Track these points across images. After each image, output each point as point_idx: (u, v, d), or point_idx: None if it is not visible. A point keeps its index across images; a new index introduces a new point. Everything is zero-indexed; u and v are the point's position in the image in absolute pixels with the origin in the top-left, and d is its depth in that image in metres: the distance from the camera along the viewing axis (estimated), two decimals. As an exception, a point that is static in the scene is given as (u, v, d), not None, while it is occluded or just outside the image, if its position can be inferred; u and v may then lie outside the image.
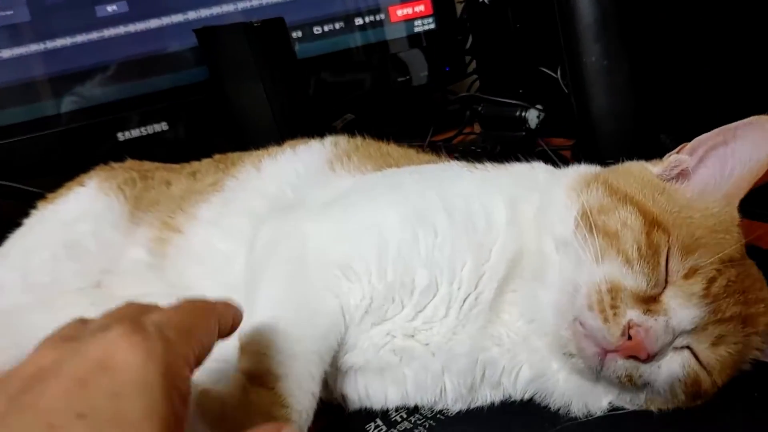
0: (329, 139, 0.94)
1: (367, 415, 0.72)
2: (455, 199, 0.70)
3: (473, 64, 1.73)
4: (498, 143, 1.42)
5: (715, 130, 0.67)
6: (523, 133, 1.40)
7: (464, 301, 0.67)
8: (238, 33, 1.21)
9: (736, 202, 0.67)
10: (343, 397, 0.72)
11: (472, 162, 0.81)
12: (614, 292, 0.61)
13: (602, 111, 1.23)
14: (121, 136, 1.37)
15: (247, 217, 0.83)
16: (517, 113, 1.42)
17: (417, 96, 1.67)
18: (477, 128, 1.62)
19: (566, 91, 1.32)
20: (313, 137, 0.97)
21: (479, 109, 1.52)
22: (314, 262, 0.69)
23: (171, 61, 1.41)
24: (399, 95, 1.62)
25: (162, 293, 0.86)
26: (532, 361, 0.68)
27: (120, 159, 1.07)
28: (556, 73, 1.43)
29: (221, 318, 0.52)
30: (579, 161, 0.83)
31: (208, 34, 1.26)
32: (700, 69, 1.31)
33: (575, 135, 1.33)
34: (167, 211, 0.90)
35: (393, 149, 0.93)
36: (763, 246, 0.87)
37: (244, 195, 0.88)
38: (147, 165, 1.07)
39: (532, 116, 1.40)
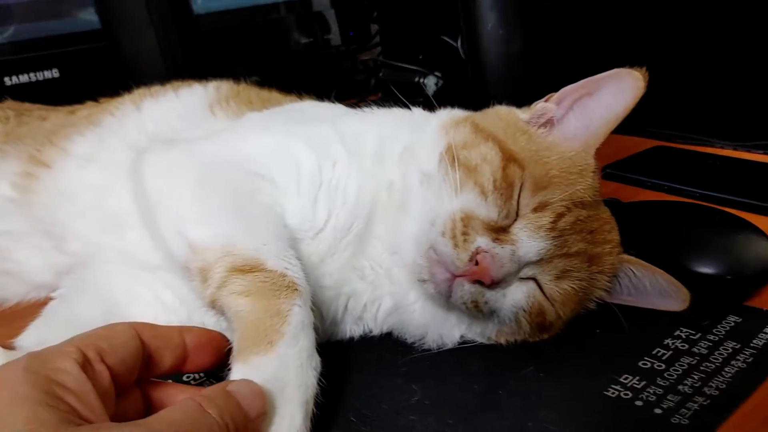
0: (212, 84, 0.93)
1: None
2: (347, 133, 0.73)
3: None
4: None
5: (581, 82, 0.69)
6: (421, 99, 1.41)
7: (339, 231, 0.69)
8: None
9: (593, 150, 0.70)
10: None
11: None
12: (466, 220, 0.62)
13: (496, 78, 1.25)
14: (8, 81, 1.31)
15: (126, 150, 0.80)
16: (416, 79, 1.43)
17: (322, 60, 1.67)
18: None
19: (464, 58, 1.34)
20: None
21: (380, 74, 1.53)
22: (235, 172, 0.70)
23: (64, 7, 1.36)
24: (306, 57, 1.61)
25: (27, 230, 0.83)
26: (393, 292, 0.69)
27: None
28: (456, 42, 1.45)
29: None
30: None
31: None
32: (596, 42, 1.36)
33: (471, 103, 1.36)
34: (35, 144, 0.86)
35: (273, 95, 0.93)
36: (622, 200, 0.92)
37: (123, 131, 0.85)
38: (27, 105, 1.03)
39: (431, 83, 1.42)
